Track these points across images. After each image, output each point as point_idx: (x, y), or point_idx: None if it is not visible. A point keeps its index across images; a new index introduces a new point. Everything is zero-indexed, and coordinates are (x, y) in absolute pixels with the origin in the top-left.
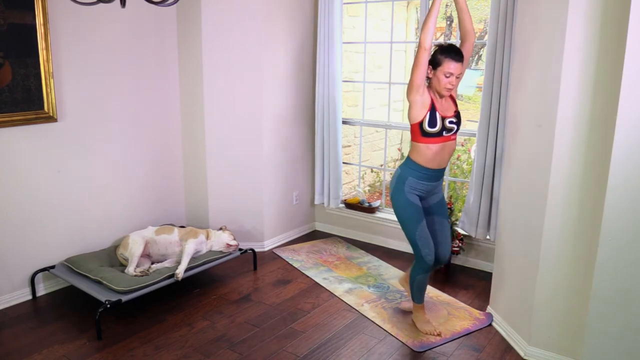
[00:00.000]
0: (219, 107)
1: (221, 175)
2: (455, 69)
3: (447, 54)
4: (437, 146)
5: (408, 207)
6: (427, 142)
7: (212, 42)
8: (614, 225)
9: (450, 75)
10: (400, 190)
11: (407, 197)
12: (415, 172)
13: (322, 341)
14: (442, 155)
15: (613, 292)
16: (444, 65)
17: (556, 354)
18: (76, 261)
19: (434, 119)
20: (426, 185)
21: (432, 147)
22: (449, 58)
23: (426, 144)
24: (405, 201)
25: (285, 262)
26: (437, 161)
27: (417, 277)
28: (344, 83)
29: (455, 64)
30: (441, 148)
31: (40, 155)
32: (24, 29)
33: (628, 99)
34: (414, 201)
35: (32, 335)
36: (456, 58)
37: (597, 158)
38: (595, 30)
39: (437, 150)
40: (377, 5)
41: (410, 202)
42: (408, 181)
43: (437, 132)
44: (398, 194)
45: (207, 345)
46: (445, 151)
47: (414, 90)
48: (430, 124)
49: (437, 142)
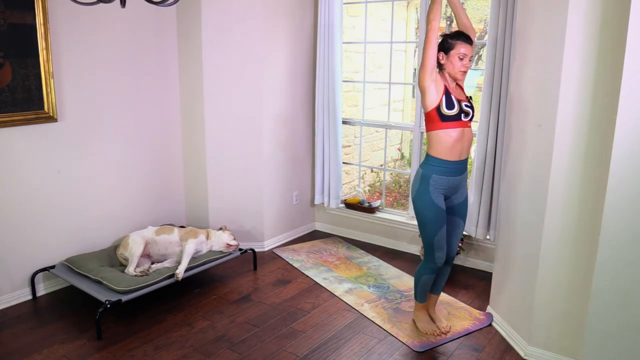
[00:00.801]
0: (219, 107)
1: (221, 175)
2: (468, 50)
3: (458, 37)
4: (457, 132)
5: (433, 209)
6: (447, 126)
7: (212, 42)
8: (614, 225)
9: (464, 56)
10: (425, 191)
11: (433, 199)
12: (438, 168)
13: (322, 341)
14: (462, 144)
15: (613, 292)
16: (457, 47)
17: (556, 354)
18: (76, 261)
19: (450, 101)
20: (451, 180)
21: (452, 134)
22: (460, 40)
23: (445, 130)
24: (431, 203)
25: (285, 262)
26: (457, 151)
27: (423, 276)
28: (344, 83)
29: (468, 45)
30: (460, 134)
31: (40, 155)
32: (24, 29)
33: (628, 99)
34: (439, 204)
35: (32, 335)
36: (467, 40)
37: (597, 158)
38: (595, 30)
39: (457, 137)
40: (377, 5)
41: (436, 204)
42: (432, 179)
43: (455, 114)
44: (423, 194)
45: (207, 345)
46: (464, 139)
47: (427, 74)
48: (448, 106)
49: (456, 126)
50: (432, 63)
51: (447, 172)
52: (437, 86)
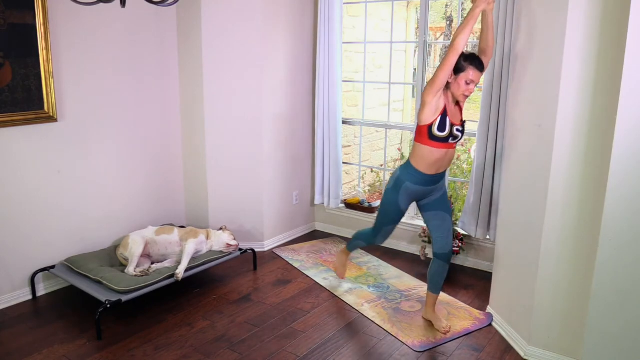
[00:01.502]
0: (219, 107)
1: (221, 175)
2: (476, 77)
3: (472, 62)
4: (441, 152)
5: (394, 208)
6: (433, 145)
7: (212, 42)
8: (614, 225)
9: (471, 82)
10: (395, 192)
11: (398, 201)
12: (414, 177)
13: (322, 341)
14: (442, 162)
15: (613, 292)
16: (467, 71)
17: (556, 354)
18: (76, 261)
19: (444, 123)
20: (424, 189)
21: (436, 153)
22: (472, 66)
23: (431, 148)
24: (394, 202)
25: (285, 262)
26: (436, 167)
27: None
28: (344, 83)
29: (478, 72)
30: (444, 154)
31: (40, 155)
32: (24, 29)
33: (628, 99)
34: (401, 206)
35: (32, 335)
36: (479, 67)
37: (597, 158)
38: (595, 30)
39: (440, 157)
40: (377, 5)
41: (398, 205)
42: (405, 186)
43: (445, 137)
44: (391, 193)
45: (207, 345)
46: (446, 158)
47: (434, 91)
48: (440, 128)
49: (441, 147)
50: (442, 84)
51: (422, 183)
52: (438, 105)
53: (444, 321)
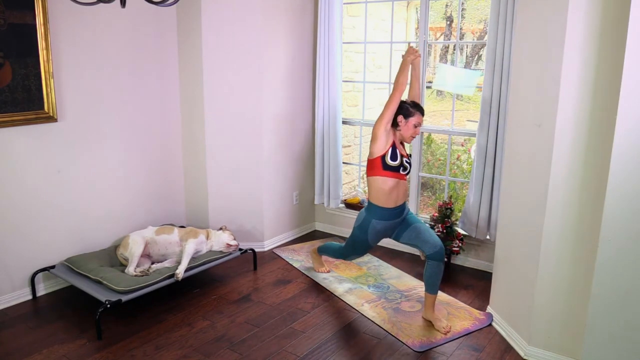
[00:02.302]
0: (219, 106)
1: (221, 175)
2: (421, 121)
3: (417, 109)
4: (393, 181)
5: (362, 244)
6: (386, 175)
7: (212, 42)
8: (614, 225)
9: (418, 124)
10: (363, 231)
11: (367, 240)
12: (377, 214)
13: (322, 341)
14: (397, 192)
15: (613, 292)
16: (415, 117)
17: (556, 354)
18: (76, 261)
19: (395, 153)
20: (390, 223)
21: (389, 182)
22: (419, 113)
23: (383, 178)
24: (364, 240)
25: (285, 262)
26: (393, 198)
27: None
28: (344, 83)
29: (421, 117)
30: (395, 184)
31: (40, 155)
32: (24, 29)
33: (628, 99)
34: (370, 242)
35: (32, 335)
36: (422, 113)
37: (597, 158)
38: (595, 30)
39: (393, 186)
40: (377, 5)
41: (367, 242)
42: (372, 224)
43: (397, 165)
44: (359, 231)
45: (207, 345)
46: (399, 188)
47: (383, 125)
48: (392, 157)
49: (394, 177)
50: (390, 117)
51: (386, 217)
52: (387, 138)
53: (443, 321)
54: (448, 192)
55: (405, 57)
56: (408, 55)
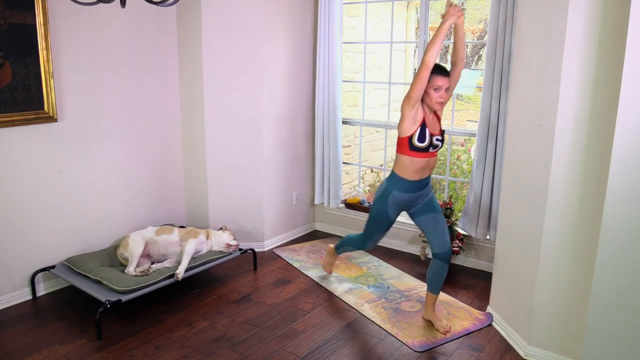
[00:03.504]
0: (219, 106)
1: (221, 175)
2: (442, 82)
3: (433, 71)
4: (422, 161)
5: (383, 217)
6: (414, 155)
7: (212, 42)
8: (614, 225)
9: (438, 88)
10: (383, 201)
11: (387, 210)
12: (400, 185)
13: (322, 341)
14: (424, 170)
15: (613, 292)
16: (433, 79)
17: (556, 354)
18: (76, 261)
19: (423, 134)
20: (411, 196)
21: (417, 162)
22: (435, 74)
23: (412, 158)
24: (384, 212)
25: (285, 262)
26: (419, 174)
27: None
28: (344, 83)
29: (442, 77)
30: (425, 163)
31: (40, 155)
32: (24, 29)
33: (628, 99)
34: (391, 216)
35: (32, 335)
36: (441, 73)
37: (597, 158)
38: (595, 30)
39: (421, 166)
40: (377, 5)
41: (387, 215)
42: (392, 195)
43: (425, 147)
44: (380, 203)
45: (207, 345)
46: (428, 166)
47: (411, 105)
48: (419, 139)
49: (422, 156)
50: (418, 96)
51: (409, 190)
52: (416, 117)
53: (443, 321)
54: (448, 192)
55: (445, 20)
56: (449, 17)
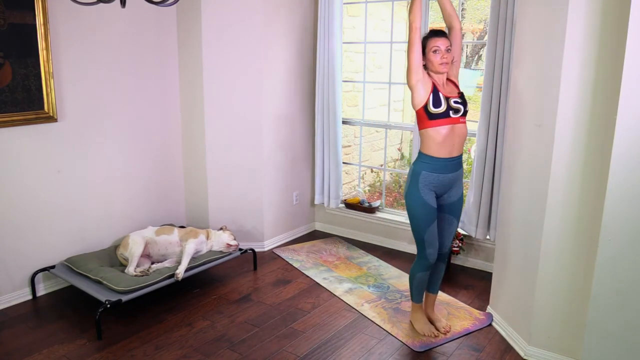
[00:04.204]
0: (219, 107)
1: (221, 175)
2: (441, 43)
3: (428, 35)
4: (446, 129)
5: (422, 206)
6: (435, 124)
7: (212, 42)
8: (614, 225)
9: (437, 49)
10: (414, 187)
11: (422, 196)
12: (428, 165)
13: (322, 341)
14: (452, 140)
15: (613, 292)
16: (429, 42)
17: (556, 354)
18: (76, 261)
19: (437, 99)
20: (442, 178)
21: (441, 130)
22: (430, 36)
23: (434, 128)
24: (419, 200)
25: (285, 262)
26: (448, 147)
27: (417, 274)
28: (344, 83)
29: (439, 38)
30: (450, 131)
31: (40, 155)
32: (24, 29)
33: (628, 99)
34: (428, 201)
35: (32, 335)
36: (438, 34)
37: (597, 158)
38: (595, 30)
39: (447, 134)
40: (377, 5)
41: (425, 201)
42: (422, 176)
43: (443, 111)
44: (412, 191)
45: (207, 345)
46: (455, 135)
47: (414, 72)
48: (434, 104)
49: (445, 123)
50: (417, 62)
51: (437, 169)
52: (424, 84)
53: (443, 321)
54: None
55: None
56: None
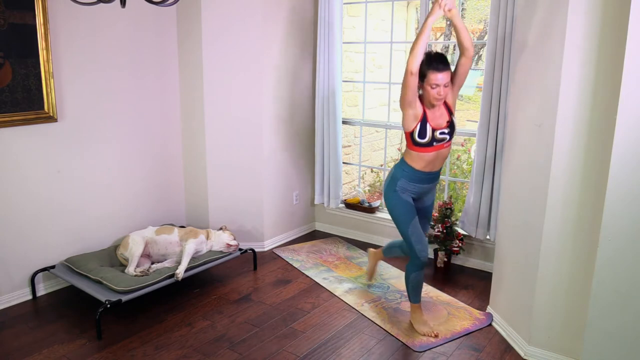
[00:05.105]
0: (219, 107)
1: (221, 175)
2: (440, 79)
3: (430, 65)
4: (430, 154)
5: (400, 205)
6: (419, 150)
7: (212, 42)
8: (614, 225)
9: (436, 86)
10: (392, 190)
11: (400, 196)
12: (408, 174)
13: (322, 341)
14: (434, 162)
15: (613, 292)
16: (429, 77)
17: (556, 353)
18: (76, 261)
19: (424, 130)
20: (419, 187)
21: (425, 156)
22: (431, 69)
23: (418, 152)
24: (397, 200)
25: (285, 262)
26: (429, 167)
27: (411, 274)
28: (344, 83)
29: (440, 74)
30: (434, 156)
31: (40, 155)
32: (24, 29)
33: (628, 99)
34: (406, 199)
35: (32, 335)
36: (439, 67)
37: (597, 158)
38: (595, 30)
39: (430, 159)
40: (377, 5)
41: (403, 200)
42: (400, 182)
43: (426, 142)
44: (390, 194)
45: (207, 345)
46: (438, 158)
47: (406, 105)
48: (420, 135)
49: (429, 151)
50: (410, 99)
51: (415, 180)
52: (415, 113)
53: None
54: (448, 192)
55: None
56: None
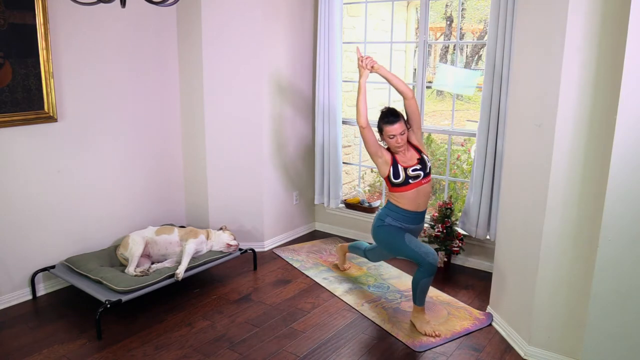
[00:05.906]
0: (219, 107)
1: (221, 175)
2: (395, 130)
3: (382, 120)
4: (411, 192)
5: (389, 232)
6: (399, 190)
7: (212, 42)
8: (614, 225)
9: (393, 136)
10: (380, 226)
11: (388, 225)
12: (395, 213)
13: (322, 341)
14: (418, 199)
15: (613, 292)
16: (385, 130)
17: (556, 354)
18: (76, 261)
19: (397, 171)
20: (406, 227)
21: (406, 194)
22: (384, 123)
23: (399, 193)
24: (386, 229)
25: (285, 262)
26: (414, 205)
27: (421, 280)
28: (344, 83)
29: (392, 126)
30: (415, 193)
31: (40, 155)
32: (24, 29)
33: (628, 99)
34: (394, 225)
35: (32, 335)
36: (391, 120)
37: (597, 158)
38: (595, 30)
39: (412, 196)
40: (377, 5)
41: (392, 227)
42: (387, 219)
43: (402, 182)
44: (378, 229)
45: (207, 345)
46: (420, 195)
47: (373, 156)
48: (394, 175)
49: (408, 189)
50: (374, 150)
51: (401, 220)
52: (384, 160)
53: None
54: (448, 192)
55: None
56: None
